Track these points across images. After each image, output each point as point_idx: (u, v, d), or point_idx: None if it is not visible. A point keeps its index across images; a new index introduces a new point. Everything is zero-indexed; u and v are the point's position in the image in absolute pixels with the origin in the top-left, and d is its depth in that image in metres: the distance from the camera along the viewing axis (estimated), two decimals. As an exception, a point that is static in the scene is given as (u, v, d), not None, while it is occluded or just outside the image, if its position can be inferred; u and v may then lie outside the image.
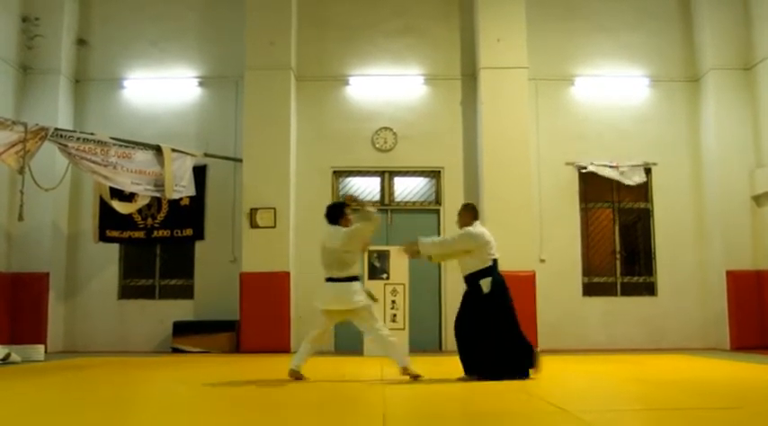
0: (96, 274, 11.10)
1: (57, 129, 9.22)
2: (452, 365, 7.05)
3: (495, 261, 6.45)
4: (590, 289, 10.97)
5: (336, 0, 11.45)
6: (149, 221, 11.06)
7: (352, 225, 6.52)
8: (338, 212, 6.65)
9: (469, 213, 6.74)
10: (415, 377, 6.29)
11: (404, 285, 9.68)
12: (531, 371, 6.31)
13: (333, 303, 6.47)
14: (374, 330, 6.49)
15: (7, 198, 10.47)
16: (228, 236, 10.99)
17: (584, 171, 10.94)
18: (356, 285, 6.50)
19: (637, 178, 10.89)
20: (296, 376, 6.44)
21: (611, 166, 10.89)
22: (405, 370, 6.35)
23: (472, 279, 6.42)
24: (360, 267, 7.01)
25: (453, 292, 10.49)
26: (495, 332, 6.21)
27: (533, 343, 6.70)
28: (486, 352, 6.22)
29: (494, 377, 6.13)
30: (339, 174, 11.20)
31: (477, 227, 6.57)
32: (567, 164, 11.04)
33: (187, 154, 10.42)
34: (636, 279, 11.12)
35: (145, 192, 9.94)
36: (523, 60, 10.86)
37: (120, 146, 9.72)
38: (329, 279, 6.52)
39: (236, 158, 10.96)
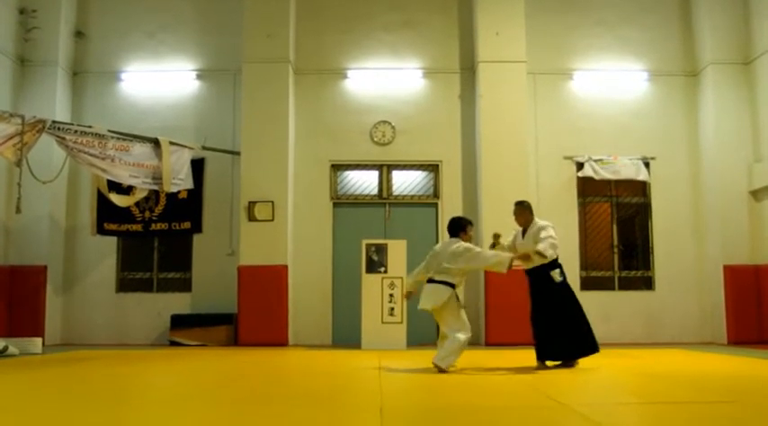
0: (94, 267, 11.09)
1: (54, 122, 9.19)
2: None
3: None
4: (588, 283, 10.98)
5: (335, -7, 11.43)
6: (147, 214, 11.05)
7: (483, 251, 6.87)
8: (459, 227, 6.92)
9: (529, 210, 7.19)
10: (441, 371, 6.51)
11: (402, 278, 9.68)
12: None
13: (423, 302, 6.74)
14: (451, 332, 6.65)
15: (5, 190, 10.45)
16: (226, 229, 10.99)
17: (581, 175, 10.92)
18: (448, 290, 6.68)
19: (642, 176, 10.88)
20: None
21: (608, 158, 10.89)
22: (437, 367, 6.53)
23: (542, 271, 6.86)
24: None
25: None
26: (571, 317, 6.89)
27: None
28: (564, 336, 6.82)
29: (571, 357, 6.88)
30: (337, 168, 11.19)
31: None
32: (566, 158, 11.04)
33: (185, 147, 10.41)
34: (634, 273, 11.13)
35: (143, 185, 9.93)
36: (522, 54, 10.84)
37: (118, 138, 9.70)
38: (429, 280, 6.80)
39: (234, 151, 10.95)
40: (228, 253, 10.89)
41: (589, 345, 6.93)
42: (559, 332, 6.82)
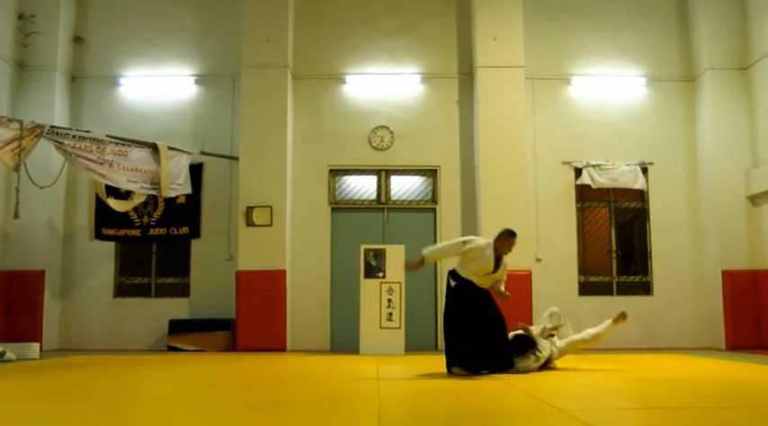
0: (92, 272, 11.07)
1: (53, 127, 9.18)
2: (448, 364, 7.06)
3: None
4: (586, 289, 10.98)
5: (333, -2, 11.45)
6: (145, 219, 11.04)
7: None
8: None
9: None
10: None
11: (400, 284, 9.67)
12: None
13: None
14: None
15: (3, 195, 10.44)
16: (224, 234, 10.98)
17: (579, 182, 10.95)
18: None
19: (639, 184, 10.91)
20: None
21: (606, 163, 10.92)
22: None
23: None
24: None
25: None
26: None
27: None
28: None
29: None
30: (335, 173, 11.19)
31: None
32: (564, 163, 11.05)
33: (183, 152, 10.41)
34: (632, 278, 11.13)
35: (141, 190, 9.92)
36: (520, 59, 10.85)
37: (117, 143, 9.70)
38: None
39: (232, 156, 10.95)
40: (227, 258, 10.88)
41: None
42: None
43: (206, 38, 11.48)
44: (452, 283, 6.91)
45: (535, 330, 7.25)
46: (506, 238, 6.94)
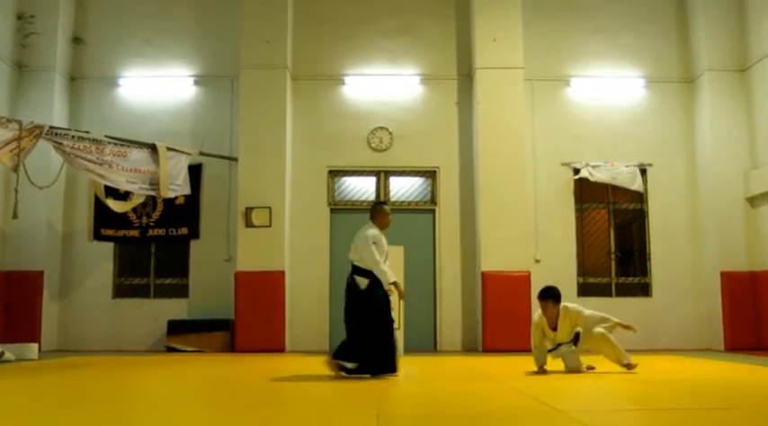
0: (91, 273, 11.07)
1: (52, 127, 9.19)
2: (448, 365, 7.07)
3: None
4: (585, 290, 10.98)
5: (333, -1, 11.46)
6: (144, 220, 11.04)
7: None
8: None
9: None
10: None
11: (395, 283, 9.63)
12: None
13: None
14: None
15: (2, 196, 10.44)
16: (223, 235, 10.98)
17: (577, 177, 10.96)
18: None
19: (636, 185, 10.92)
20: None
21: (605, 164, 10.93)
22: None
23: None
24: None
25: (449, 292, 10.52)
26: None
27: None
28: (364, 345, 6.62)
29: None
30: (335, 174, 11.19)
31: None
32: (563, 164, 11.06)
33: (182, 152, 10.41)
34: (631, 279, 11.14)
35: (140, 191, 9.92)
36: (519, 60, 10.86)
37: (116, 144, 9.70)
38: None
39: (231, 157, 10.95)
40: (226, 259, 10.88)
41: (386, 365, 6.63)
42: (361, 338, 6.70)
43: (205, 38, 11.48)
44: (366, 281, 6.95)
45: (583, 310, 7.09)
46: (380, 211, 7.05)
